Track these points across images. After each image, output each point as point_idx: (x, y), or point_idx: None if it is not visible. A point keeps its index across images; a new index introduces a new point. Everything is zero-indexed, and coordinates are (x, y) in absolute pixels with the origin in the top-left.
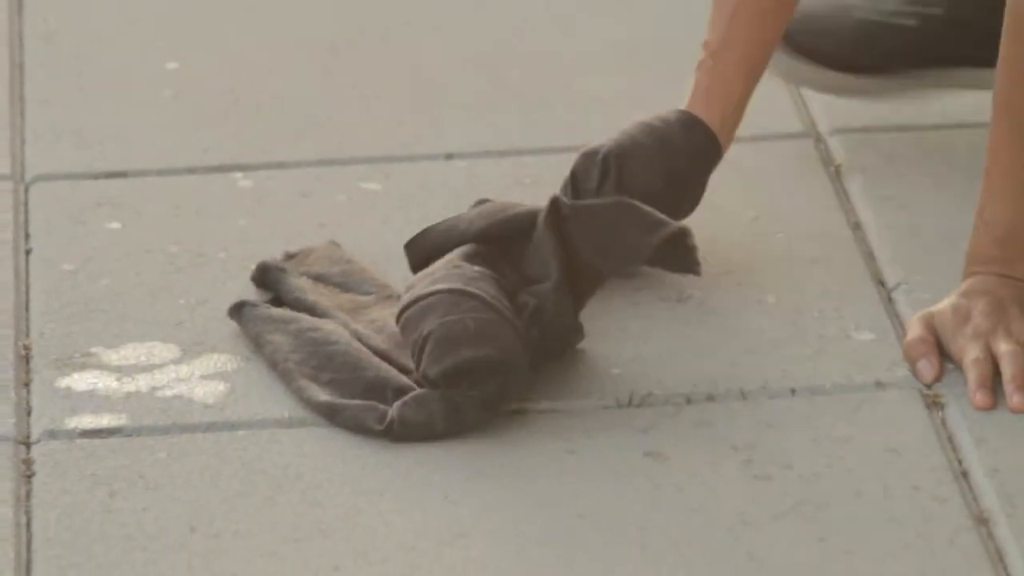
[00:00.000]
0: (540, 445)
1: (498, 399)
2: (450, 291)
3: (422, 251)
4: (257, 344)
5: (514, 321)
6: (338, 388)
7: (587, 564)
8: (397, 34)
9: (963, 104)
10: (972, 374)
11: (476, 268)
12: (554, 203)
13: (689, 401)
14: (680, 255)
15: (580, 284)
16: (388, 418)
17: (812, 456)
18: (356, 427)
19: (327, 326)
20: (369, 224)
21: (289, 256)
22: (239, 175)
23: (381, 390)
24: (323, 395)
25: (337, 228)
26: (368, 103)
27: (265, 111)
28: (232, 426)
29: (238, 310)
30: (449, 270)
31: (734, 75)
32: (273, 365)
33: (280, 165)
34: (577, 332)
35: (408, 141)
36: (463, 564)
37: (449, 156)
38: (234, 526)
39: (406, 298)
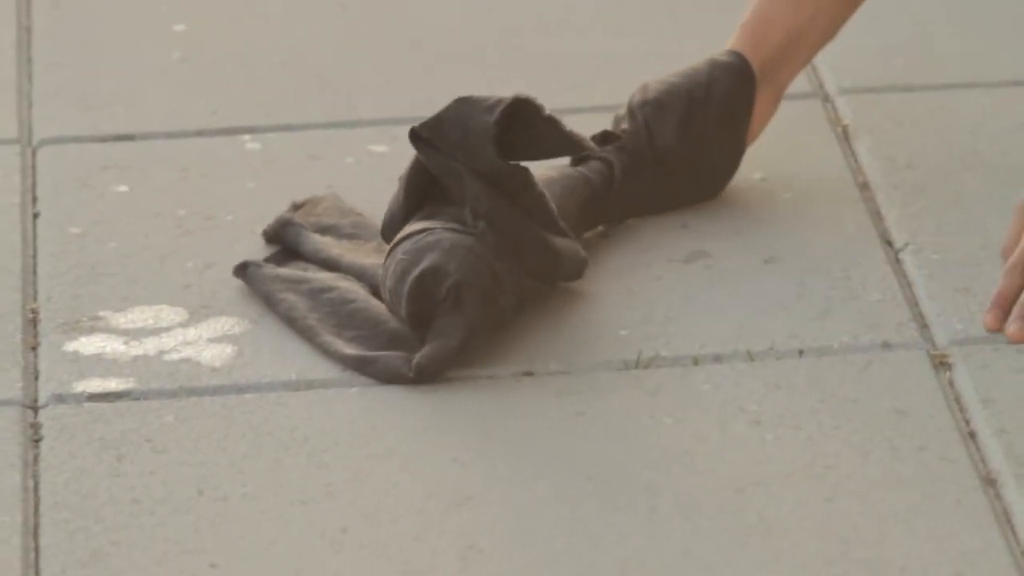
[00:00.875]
0: (548, 407)
1: (472, 288)
2: (388, 254)
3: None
4: (269, 302)
5: (447, 226)
6: (363, 343)
7: (596, 527)
8: None
9: (969, 65)
10: (998, 286)
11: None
12: (411, 132)
13: (697, 362)
14: (551, 134)
15: (506, 187)
16: (415, 363)
17: (820, 417)
18: (389, 376)
19: (341, 284)
20: (376, 186)
21: (296, 207)
22: (247, 137)
23: (405, 339)
24: (350, 349)
25: (345, 190)
26: (377, 64)
27: (273, 73)
28: (239, 389)
29: (243, 270)
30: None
31: (774, 8)
32: (291, 323)
33: (288, 127)
34: (551, 227)
35: (417, 103)
36: (471, 526)
37: None
38: (241, 489)
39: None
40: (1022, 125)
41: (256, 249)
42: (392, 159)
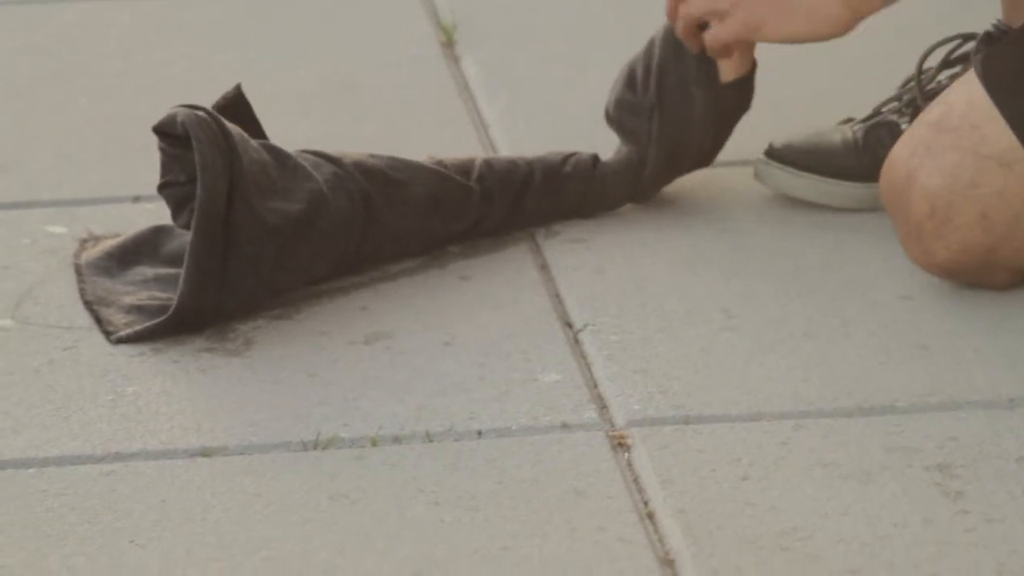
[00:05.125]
0: (226, 488)
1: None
2: None
3: None
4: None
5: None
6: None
7: None
8: (84, 76)
9: None
10: None
11: None
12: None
13: (375, 443)
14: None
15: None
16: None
17: (498, 498)
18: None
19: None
20: (52, 267)
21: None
22: None
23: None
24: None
25: (21, 272)
26: (55, 146)
27: None
28: None
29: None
30: None
31: None
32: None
33: None
34: None
35: (95, 184)
36: None
37: (136, 199)
38: None
39: None
40: (703, 206)
41: None
42: (70, 240)
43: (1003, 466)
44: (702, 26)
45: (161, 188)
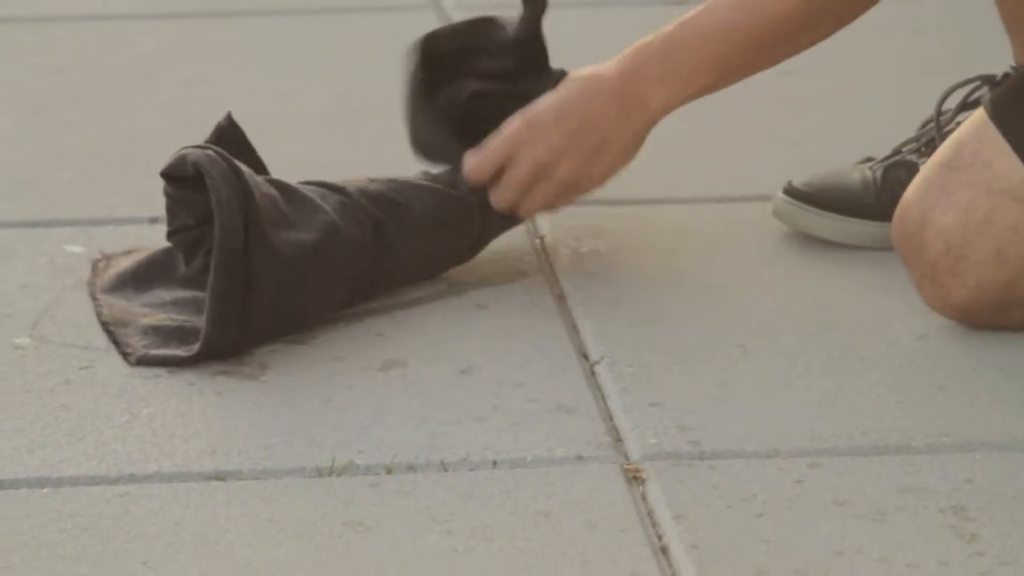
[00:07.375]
0: (240, 513)
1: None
2: None
3: None
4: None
5: None
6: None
7: None
8: (103, 96)
9: (670, 181)
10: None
11: None
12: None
13: (390, 471)
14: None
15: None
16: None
17: (512, 529)
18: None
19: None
20: (69, 285)
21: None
22: None
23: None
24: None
25: (39, 290)
26: (73, 165)
27: None
28: None
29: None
30: None
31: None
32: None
33: None
34: None
35: (113, 204)
36: None
37: (153, 220)
38: None
39: None
40: (721, 242)
41: None
42: (87, 259)
43: (1018, 508)
44: None
45: (171, 235)
